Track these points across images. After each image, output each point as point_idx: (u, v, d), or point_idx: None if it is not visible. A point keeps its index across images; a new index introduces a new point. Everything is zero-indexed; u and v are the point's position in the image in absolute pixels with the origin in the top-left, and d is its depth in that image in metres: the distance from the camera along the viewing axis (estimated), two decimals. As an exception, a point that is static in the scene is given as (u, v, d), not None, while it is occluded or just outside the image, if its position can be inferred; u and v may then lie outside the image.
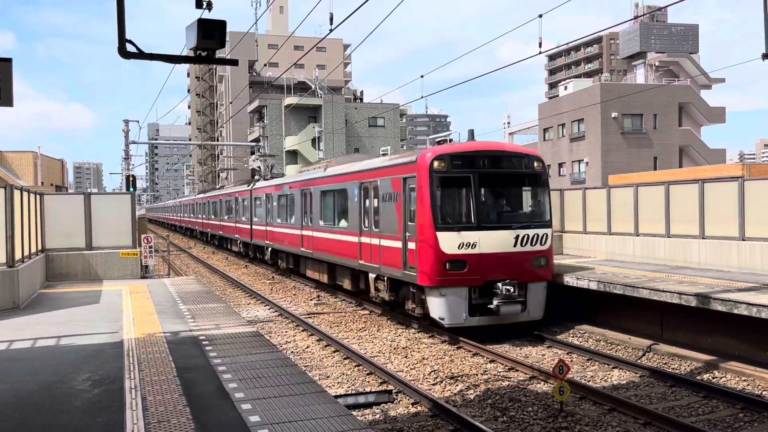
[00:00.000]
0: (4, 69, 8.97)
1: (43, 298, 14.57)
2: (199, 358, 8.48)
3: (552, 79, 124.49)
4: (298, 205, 22.41)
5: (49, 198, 18.76)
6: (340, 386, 10.31)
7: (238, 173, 65.30)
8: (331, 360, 12.11)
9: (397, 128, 65.39)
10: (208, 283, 23.75)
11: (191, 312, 12.29)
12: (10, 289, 13.08)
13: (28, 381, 7.55)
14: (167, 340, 9.71)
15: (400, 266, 14.21)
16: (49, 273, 17.83)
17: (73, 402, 6.72)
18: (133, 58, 7.77)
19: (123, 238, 18.78)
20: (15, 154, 41.91)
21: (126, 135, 36.19)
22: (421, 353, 12.32)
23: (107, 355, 8.82)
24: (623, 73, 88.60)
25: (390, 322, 15.56)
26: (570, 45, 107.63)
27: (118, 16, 7.57)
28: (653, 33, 76.76)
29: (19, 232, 13.87)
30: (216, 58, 8.17)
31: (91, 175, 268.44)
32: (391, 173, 15.01)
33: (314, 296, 20.22)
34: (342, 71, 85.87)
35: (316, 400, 6.66)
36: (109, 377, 7.61)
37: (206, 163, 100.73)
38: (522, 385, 10.18)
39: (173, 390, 7.06)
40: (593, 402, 9.18)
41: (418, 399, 9.33)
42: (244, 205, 31.90)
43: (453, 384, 10.31)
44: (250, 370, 7.89)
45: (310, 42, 62.87)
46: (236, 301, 19.62)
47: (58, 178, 48.53)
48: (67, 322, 11.37)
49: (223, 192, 40.03)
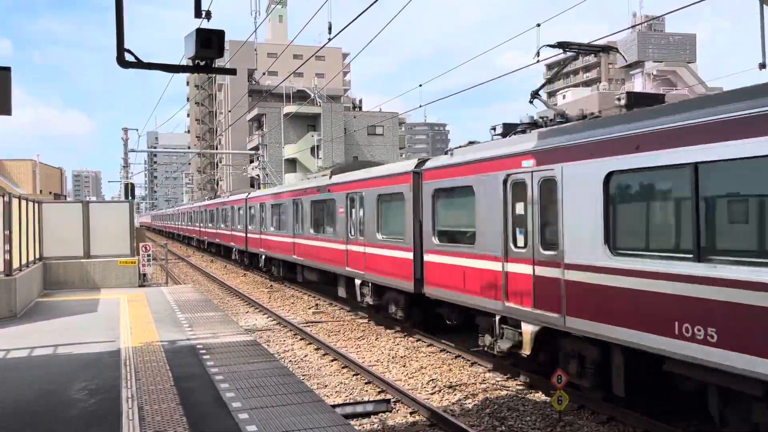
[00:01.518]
0: (2, 78, 8.98)
1: (41, 307, 14.53)
2: (197, 367, 8.46)
3: (550, 88, 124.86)
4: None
5: (47, 206, 18.76)
6: (338, 395, 10.28)
7: (236, 181, 65.37)
8: (329, 369, 12.07)
9: (395, 137, 65.53)
10: (206, 291, 23.71)
11: (189, 320, 12.26)
12: (7, 298, 13.06)
13: (24, 390, 7.52)
14: (164, 348, 9.69)
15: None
16: (47, 281, 17.80)
17: (70, 411, 6.70)
18: (132, 68, 7.80)
19: (121, 246, 18.78)
20: (14, 162, 42.00)
21: (125, 143, 36.27)
22: (420, 362, 12.29)
23: (104, 364, 8.79)
24: (621, 82, 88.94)
25: (388, 330, 15.54)
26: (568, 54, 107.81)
27: (116, 26, 7.61)
28: (651, 42, 77.15)
29: (16, 240, 13.86)
30: (215, 68, 8.20)
31: (90, 183, 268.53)
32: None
33: (312, 304, 20.19)
34: (341, 80, 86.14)
35: (314, 410, 6.64)
36: (105, 386, 7.59)
37: (205, 171, 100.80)
38: (521, 394, 10.16)
39: (170, 399, 7.03)
40: (591, 411, 9.16)
41: (416, 408, 9.30)
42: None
43: (451, 393, 10.28)
44: (247, 379, 7.87)
45: (310, 51, 63.09)
46: (234, 310, 19.58)
47: (57, 186, 48.57)
48: (64, 331, 11.34)
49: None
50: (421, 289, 13.23)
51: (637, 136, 7.72)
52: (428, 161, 13.41)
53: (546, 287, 9.30)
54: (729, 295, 6.57)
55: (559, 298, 8.96)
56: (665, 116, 7.49)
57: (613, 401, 8.98)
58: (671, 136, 7.28)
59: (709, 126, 6.85)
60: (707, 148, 6.84)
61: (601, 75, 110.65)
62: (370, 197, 15.81)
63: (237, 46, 59.85)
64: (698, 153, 6.92)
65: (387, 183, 14.99)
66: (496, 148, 10.72)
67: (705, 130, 6.88)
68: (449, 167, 12.20)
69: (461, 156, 11.86)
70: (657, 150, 7.43)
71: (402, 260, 13.98)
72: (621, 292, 7.87)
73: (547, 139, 9.47)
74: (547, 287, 9.28)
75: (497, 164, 10.51)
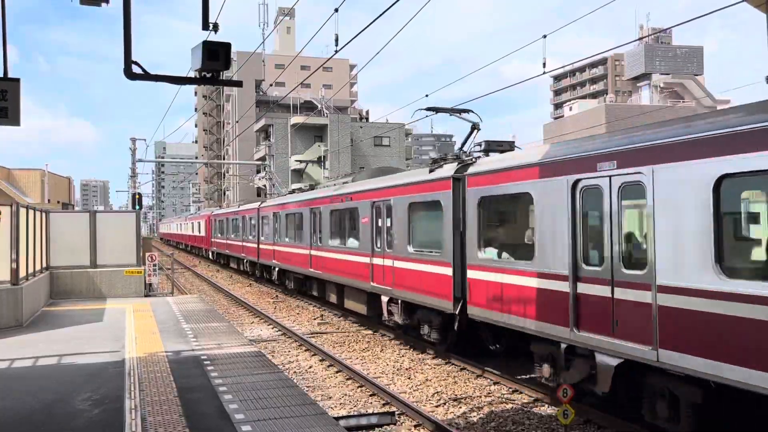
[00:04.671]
0: (12, 88, 9.08)
1: (47, 316, 14.57)
2: (201, 378, 8.45)
3: (557, 99, 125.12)
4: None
5: (54, 216, 18.87)
6: (342, 407, 10.24)
7: (243, 192, 65.57)
8: (333, 380, 12.03)
9: (402, 147, 65.67)
10: (212, 301, 23.72)
11: (194, 331, 12.26)
12: (14, 307, 13.10)
13: (29, 400, 7.53)
14: (169, 359, 9.69)
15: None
16: (53, 290, 17.86)
17: (74, 422, 6.70)
18: (139, 80, 7.86)
19: (127, 256, 18.84)
20: (23, 171, 42.31)
21: (133, 153, 36.50)
22: (425, 374, 12.23)
23: (109, 374, 8.80)
24: (628, 95, 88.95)
25: (394, 342, 15.48)
26: (575, 65, 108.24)
27: (124, 38, 7.67)
28: (658, 54, 77.17)
29: (23, 249, 13.93)
30: (221, 80, 8.25)
31: (98, 193, 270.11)
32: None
33: (318, 315, 20.16)
34: (348, 91, 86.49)
35: (317, 422, 6.61)
36: (110, 397, 7.59)
37: (212, 181, 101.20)
38: (526, 407, 10.09)
39: (173, 410, 7.03)
40: (597, 426, 9.08)
41: (420, 421, 9.24)
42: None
43: (456, 406, 10.22)
44: (251, 390, 7.85)
45: (317, 62, 63.46)
46: (239, 320, 19.57)
47: (65, 195, 48.86)
48: (69, 341, 11.37)
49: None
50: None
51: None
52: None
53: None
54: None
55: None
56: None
57: (619, 415, 8.90)
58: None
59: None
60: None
61: (608, 87, 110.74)
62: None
63: (245, 57, 60.30)
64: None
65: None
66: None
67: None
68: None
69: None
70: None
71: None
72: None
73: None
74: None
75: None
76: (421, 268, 13.30)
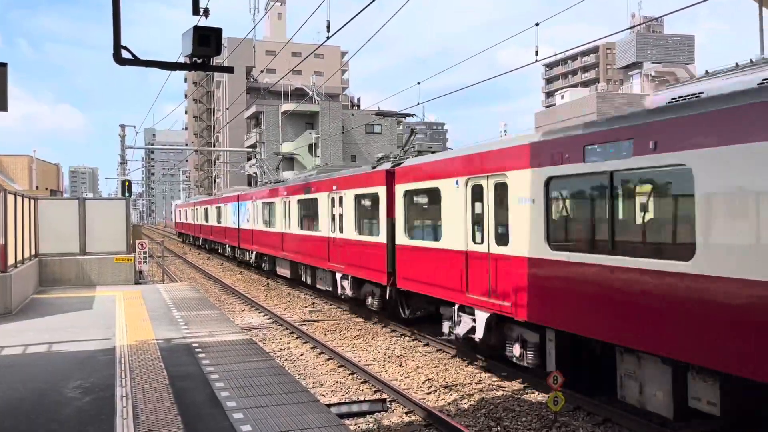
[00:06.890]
0: (-1, 74, 8.94)
1: (36, 304, 14.48)
2: (192, 366, 8.43)
3: (549, 88, 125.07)
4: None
5: (43, 203, 18.69)
6: (333, 394, 10.26)
7: (233, 179, 65.31)
8: (325, 368, 12.05)
9: (394, 135, 65.49)
10: (203, 289, 23.65)
11: (185, 319, 12.23)
12: (3, 295, 13.01)
13: (18, 388, 7.49)
14: (160, 347, 9.65)
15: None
16: (42, 278, 17.73)
17: (64, 410, 6.67)
18: (129, 65, 7.76)
19: (117, 243, 18.72)
20: (10, 158, 41.81)
21: (122, 140, 36.15)
22: (416, 362, 12.27)
23: (99, 362, 8.76)
24: (620, 83, 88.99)
25: (385, 330, 15.51)
26: (567, 54, 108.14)
27: (113, 22, 7.56)
28: (649, 43, 77.24)
29: (12, 236, 13.80)
30: (212, 65, 8.17)
31: (87, 180, 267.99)
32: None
33: (309, 303, 20.16)
34: (339, 78, 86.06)
35: (309, 410, 6.62)
36: (100, 385, 7.55)
37: (203, 168, 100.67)
38: (517, 394, 10.14)
39: (165, 398, 7.01)
40: (587, 413, 9.15)
41: (412, 408, 9.28)
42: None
43: (447, 393, 10.26)
44: (242, 378, 7.84)
45: (308, 49, 63.00)
46: (230, 308, 19.54)
47: (54, 182, 48.41)
48: (59, 329, 11.30)
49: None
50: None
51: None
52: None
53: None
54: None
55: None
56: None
57: (610, 403, 8.97)
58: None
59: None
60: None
61: (600, 75, 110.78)
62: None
63: (235, 43, 59.73)
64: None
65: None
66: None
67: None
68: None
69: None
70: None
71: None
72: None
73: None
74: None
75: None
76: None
